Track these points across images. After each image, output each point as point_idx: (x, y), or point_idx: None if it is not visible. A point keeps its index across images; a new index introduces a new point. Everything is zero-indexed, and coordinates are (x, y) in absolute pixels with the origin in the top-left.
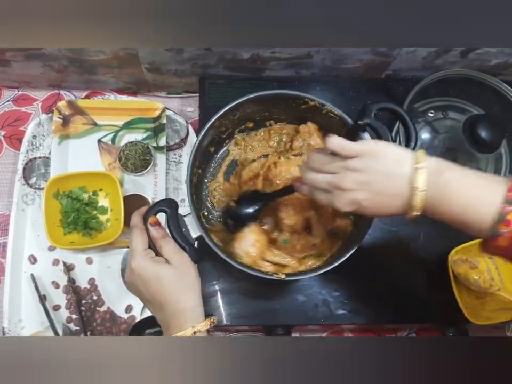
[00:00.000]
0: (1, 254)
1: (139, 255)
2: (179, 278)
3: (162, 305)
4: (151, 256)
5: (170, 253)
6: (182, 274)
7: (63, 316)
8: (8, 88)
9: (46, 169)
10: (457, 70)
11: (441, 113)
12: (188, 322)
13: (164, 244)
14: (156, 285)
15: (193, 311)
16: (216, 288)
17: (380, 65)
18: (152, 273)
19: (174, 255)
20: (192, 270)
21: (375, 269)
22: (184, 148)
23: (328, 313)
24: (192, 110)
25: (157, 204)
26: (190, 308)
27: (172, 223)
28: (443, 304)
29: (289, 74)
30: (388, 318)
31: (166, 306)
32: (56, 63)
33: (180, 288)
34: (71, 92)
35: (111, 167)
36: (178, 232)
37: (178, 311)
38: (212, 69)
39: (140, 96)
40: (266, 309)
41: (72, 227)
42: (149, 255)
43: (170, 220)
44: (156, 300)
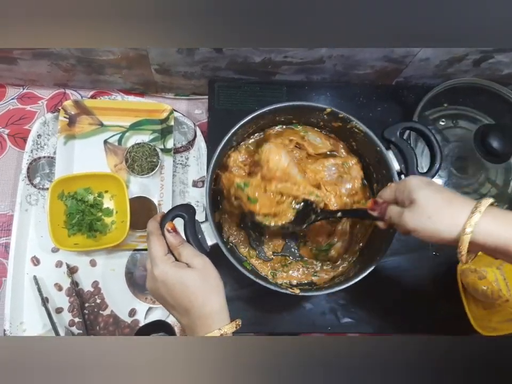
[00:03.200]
0: (4, 254)
1: (160, 261)
2: (203, 281)
3: (188, 310)
4: (172, 261)
5: (191, 256)
6: (205, 277)
7: (65, 319)
8: (13, 86)
9: (50, 169)
10: (469, 78)
11: (452, 122)
12: (214, 325)
13: (182, 249)
14: (180, 290)
15: (219, 313)
16: None
17: (391, 72)
18: (175, 279)
19: (194, 259)
20: (214, 272)
21: (383, 278)
22: (192, 150)
23: (335, 321)
24: (200, 112)
25: (175, 208)
26: (215, 311)
27: (188, 229)
28: (451, 314)
29: (299, 79)
30: (395, 327)
31: (192, 311)
32: (64, 62)
33: (204, 292)
34: (77, 91)
35: (117, 169)
36: (194, 238)
37: (204, 314)
38: (222, 72)
39: (147, 97)
40: (272, 316)
41: (77, 229)
42: (170, 261)
43: (187, 225)
44: (181, 305)
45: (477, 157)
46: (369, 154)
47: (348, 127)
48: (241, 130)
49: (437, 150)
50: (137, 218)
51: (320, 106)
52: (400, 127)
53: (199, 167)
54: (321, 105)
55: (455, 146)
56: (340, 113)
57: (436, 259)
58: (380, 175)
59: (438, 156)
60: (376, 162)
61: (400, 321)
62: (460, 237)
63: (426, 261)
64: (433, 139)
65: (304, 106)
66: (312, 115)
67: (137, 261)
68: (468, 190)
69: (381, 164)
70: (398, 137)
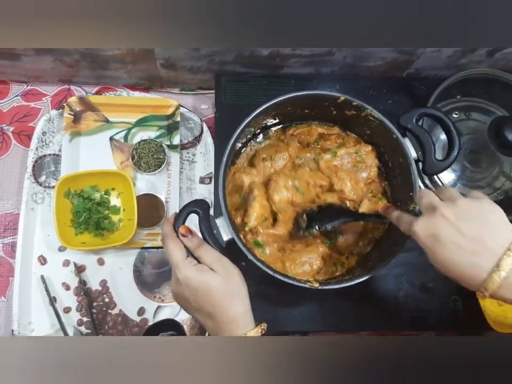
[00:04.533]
0: (10, 254)
1: (182, 265)
2: (226, 285)
3: (211, 314)
4: (194, 265)
5: (211, 260)
6: (228, 280)
7: (73, 318)
8: (17, 83)
9: (56, 167)
10: (482, 69)
11: (464, 114)
12: (238, 330)
13: (201, 252)
14: (203, 294)
15: (243, 317)
16: None
17: (402, 64)
18: (199, 283)
19: (215, 263)
20: (237, 275)
21: (395, 274)
22: (198, 146)
23: (347, 319)
24: (206, 107)
25: (188, 205)
26: (240, 315)
27: (204, 225)
28: (465, 311)
29: (308, 72)
30: (408, 324)
31: (216, 315)
32: (68, 58)
33: (227, 296)
34: (82, 87)
35: (123, 166)
36: (210, 234)
37: (229, 319)
38: (228, 66)
39: (153, 93)
40: (283, 315)
41: (84, 227)
42: (191, 264)
43: (202, 221)
44: (204, 309)
45: (490, 150)
46: (385, 143)
47: (362, 115)
48: (254, 122)
49: (455, 136)
50: (145, 216)
51: (333, 94)
52: (416, 113)
53: (206, 163)
54: (335, 94)
55: (468, 139)
56: (353, 101)
57: None
58: (396, 163)
59: (456, 142)
60: (392, 150)
61: (413, 318)
62: None
63: None
64: (450, 124)
65: (317, 95)
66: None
67: (145, 259)
68: (482, 184)
69: (397, 152)
70: (414, 124)
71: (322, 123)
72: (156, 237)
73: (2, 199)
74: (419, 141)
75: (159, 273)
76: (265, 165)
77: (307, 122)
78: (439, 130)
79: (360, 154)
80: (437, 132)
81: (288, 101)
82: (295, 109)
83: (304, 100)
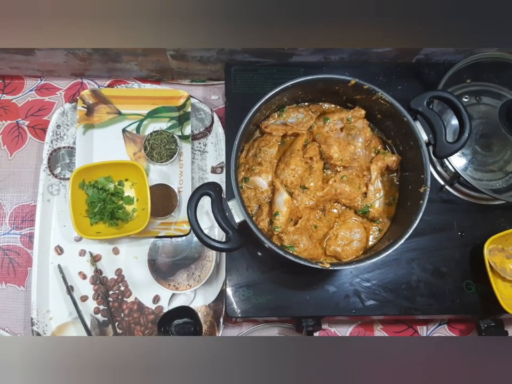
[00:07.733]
0: (28, 244)
1: None
2: None
3: None
4: None
5: None
6: None
7: (90, 306)
8: (31, 78)
9: (70, 159)
10: (492, 53)
11: (475, 99)
12: None
13: None
14: None
15: None
16: (245, 278)
17: (411, 50)
18: None
19: None
20: None
21: (408, 259)
22: (209, 136)
23: (359, 304)
24: (216, 98)
25: (201, 187)
26: None
27: (216, 207)
28: (478, 295)
29: (317, 59)
30: (420, 309)
31: None
32: (81, 51)
33: None
34: (94, 80)
35: (136, 157)
36: (222, 216)
37: None
38: (238, 55)
39: (164, 84)
40: (296, 300)
41: (99, 217)
42: None
43: (214, 203)
44: None
45: (502, 134)
46: (396, 126)
47: (373, 99)
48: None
49: (466, 118)
50: (158, 205)
51: (344, 78)
52: (427, 97)
53: (217, 153)
54: (346, 77)
55: (479, 123)
56: (364, 84)
57: (462, 239)
58: (407, 146)
59: (467, 124)
60: (403, 134)
61: (425, 302)
62: None
63: (451, 241)
64: (461, 107)
65: (328, 79)
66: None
67: (159, 248)
68: (493, 168)
69: (408, 135)
70: (425, 107)
71: None
72: (169, 226)
73: (19, 191)
74: (430, 123)
75: (173, 261)
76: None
77: None
78: (449, 115)
79: (351, 121)
80: (447, 117)
81: (299, 85)
82: (306, 94)
83: (315, 84)
